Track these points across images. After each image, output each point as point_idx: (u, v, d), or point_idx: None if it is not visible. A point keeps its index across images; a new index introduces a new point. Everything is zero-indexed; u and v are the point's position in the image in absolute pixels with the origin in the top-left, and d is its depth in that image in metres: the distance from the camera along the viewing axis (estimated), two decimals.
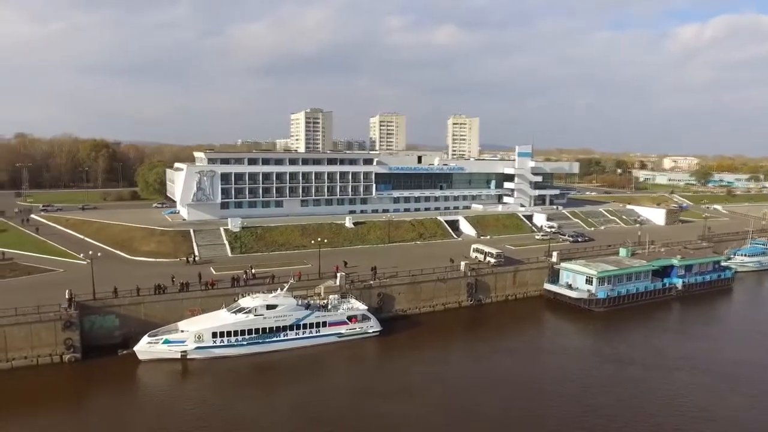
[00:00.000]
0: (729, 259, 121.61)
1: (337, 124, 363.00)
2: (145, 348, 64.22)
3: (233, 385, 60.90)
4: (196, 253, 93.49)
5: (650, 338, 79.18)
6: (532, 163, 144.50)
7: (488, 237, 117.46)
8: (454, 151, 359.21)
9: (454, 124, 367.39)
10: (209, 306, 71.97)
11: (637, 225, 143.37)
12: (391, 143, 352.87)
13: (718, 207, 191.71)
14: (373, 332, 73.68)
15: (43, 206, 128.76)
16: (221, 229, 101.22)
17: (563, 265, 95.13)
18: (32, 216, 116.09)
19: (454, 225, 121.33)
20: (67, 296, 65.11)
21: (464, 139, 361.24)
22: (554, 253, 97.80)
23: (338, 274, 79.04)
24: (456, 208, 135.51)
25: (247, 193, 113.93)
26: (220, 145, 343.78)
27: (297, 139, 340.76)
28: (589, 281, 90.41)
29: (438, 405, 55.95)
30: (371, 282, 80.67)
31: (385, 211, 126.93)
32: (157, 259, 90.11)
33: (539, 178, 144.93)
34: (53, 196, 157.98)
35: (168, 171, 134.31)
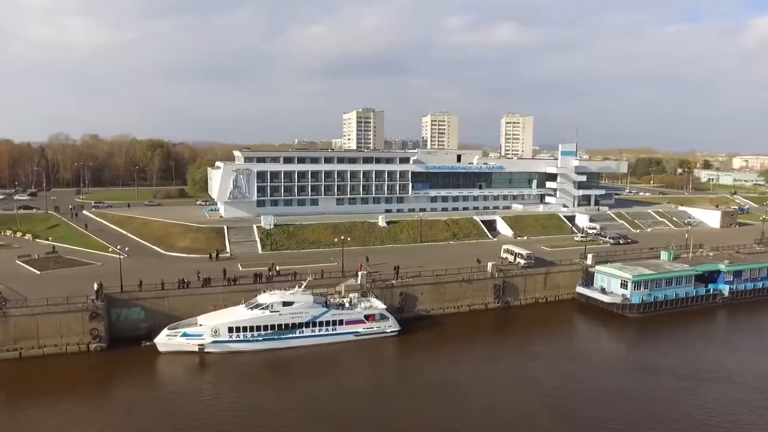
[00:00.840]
0: None
1: (393, 124, 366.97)
2: (165, 340, 66.41)
3: (247, 379, 62.20)
4: (228, 249, 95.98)
5: (685, 347, 74.90)
6: (576, 162, 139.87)
7: (525, 238, 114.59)
8: (507, 150, 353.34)
9: (507, 123, 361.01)
10: (231, 301, 73.32)
11: (689, 227, 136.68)
12: (443, 143, 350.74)
13: None
14: (391, 332, 73.24)
15: (95, 203, 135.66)
16: (254, 226, 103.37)
17: (598, 267, 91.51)
18: (84, 212, 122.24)
19: (490, 225, 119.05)
20: (95, 288, 68.23)
21: (517, 139, 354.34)
22: (589, 256, 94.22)
23: (359, 273, 79.07)
24: (495, 207, 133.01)
25: (282, 191, 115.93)
26: (279, 145, 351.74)
27: (349, 139, 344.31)
28: (623, 285, 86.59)
29: (444, 406, 54.93)
30: (393, 281, 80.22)
31: (422, 210, 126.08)
32: (190, 255, 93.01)
33: (583, 178, 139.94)
34: (109, 194, 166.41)
35: (209, 169, 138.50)
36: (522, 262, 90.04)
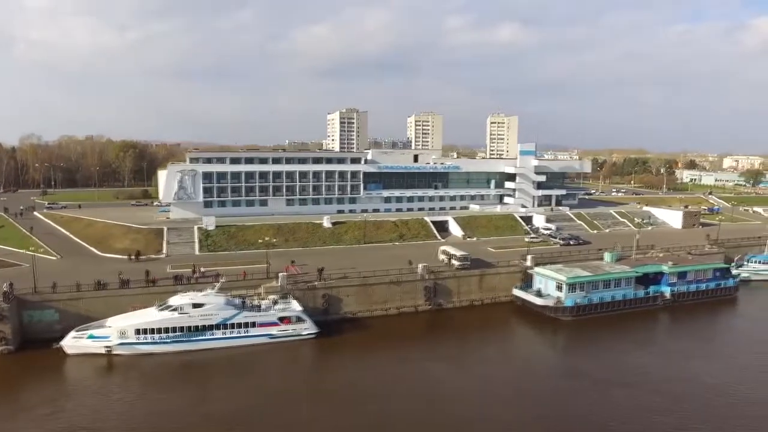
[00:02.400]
0: (740, 266, 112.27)
1: (384, 124, 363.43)
2: (71, 342, 65.58)
3: (155, 382, 61.63)
4: (164, 250, 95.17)
5: (611, 350, 73.80)
6: (535, 162, 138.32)
7: (475, 239, 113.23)
8: (492, 150, 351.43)
9: (492, 123, 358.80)
10: (151, 303, 72.21)
11: (649, 228, 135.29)
12: (427, 143, 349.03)
13: (759, 210, 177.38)
14: (308, 335, 72.13)
15: (48, 204, 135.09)
16: (195, 227, 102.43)
17: (536, 269, 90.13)
18: (35, 213, 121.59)
19: (442, 226, 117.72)
20: (4, 289, 67.33)
21: (502, 139, 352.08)
22: (529, 257, 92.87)
23: (280, 275, 78.01)
24: (453, 208, 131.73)
25: (229, 192, 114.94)
26: (274, 146, 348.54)
27: (333, 139, 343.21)
28: (559, 287, 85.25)
29: (337, 411, 54.14)
30: (316, 283, 79.08)
31: (376, 210, 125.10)
32: (125, 256, 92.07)
33: (543, 178, 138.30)
34: (77, 194, 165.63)
35: (159, 171, 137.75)
36: (456, 263, 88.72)
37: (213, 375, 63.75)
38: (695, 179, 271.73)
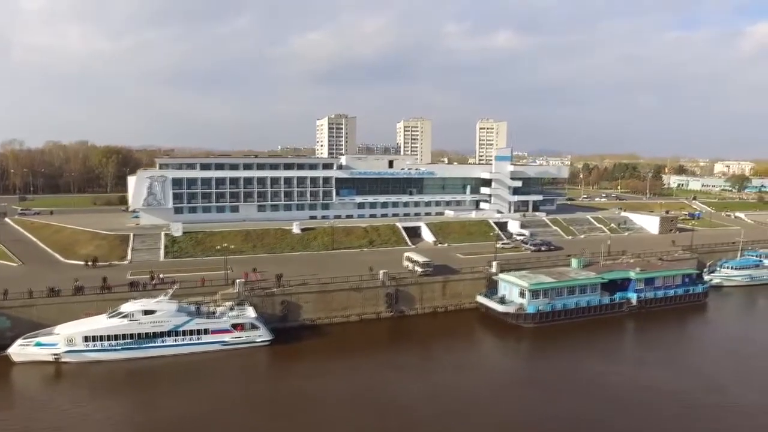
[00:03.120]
0: (713, 272, 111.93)
1: (380, 129, 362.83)
2: (18, 350, 64.90)
3: (102, 390, 61.00)
4: (128, 256, 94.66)
5: (572, 359, 72.67)
6: (510, 167, 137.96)
7: (446, 245, 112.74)
8: (481, 156, 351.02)
9: (481, 128, 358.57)
10: (107, 310, 71.90)
11: (626, 233, 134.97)
12: (416, 148, 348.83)
13: (741, 215, 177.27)
14: (262, 342, 71.45)
15: (21, 210, 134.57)
16: (162, 233, 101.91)
17: (501, 276, 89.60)
18: (6, 219, 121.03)
19: (415, 232, 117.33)
20: None
21: (491, 144, 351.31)
22: (494, 263, 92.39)
23: (236, 281, 77.47)
24: (428, 213, 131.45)
25: (200, 198, 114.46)
26: (269, 151, 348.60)
27: (321, 145, 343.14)
28: (522, 294, 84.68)
29: (282, 418, 53.87)
30: (274, 290, 78.52)
31: (349, 216, 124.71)
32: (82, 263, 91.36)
33: (518, 183, 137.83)
34: (54, 200, 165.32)
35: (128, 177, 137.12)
36: (419, 269, 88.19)
37: (162, 383, 63.19)
38: (682, 184, 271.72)
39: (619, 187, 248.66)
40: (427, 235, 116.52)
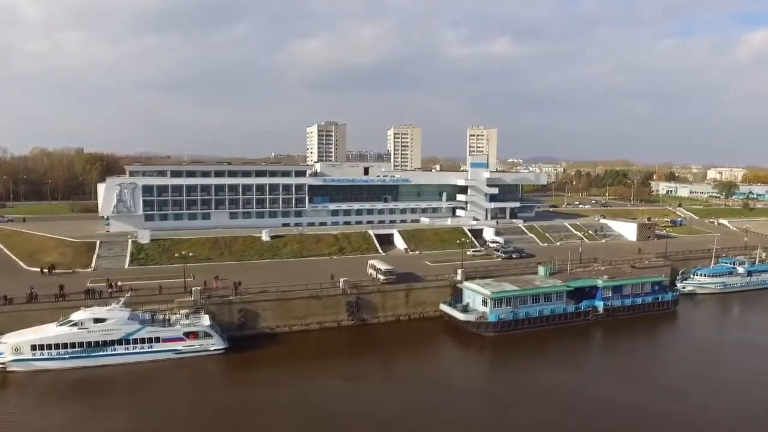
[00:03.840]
0: (686, 279, 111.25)
1: (374, 137, 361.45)
2: None
3: (49, 399, 60.47)
4: (93, 264, 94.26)
5: (529, 369, 72.04)
6: (486, 174, 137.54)
7: (417, 252, 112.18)
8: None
9: (471, 135, 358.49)
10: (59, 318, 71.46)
11: (603, 240, 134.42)
12: (406, 155, 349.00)
13: (725, 222, 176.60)
14: (215, 350, 70.87)
15: None
16: (129, 240, 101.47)
17: (465, 284, 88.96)
18: None
19: (388, 239, 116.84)
20: None
21: (481, 151, 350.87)
22: (459, 271, 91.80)
23: (193, 289, 76.94)
24: (403, 221, 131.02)
25: (171, 205, 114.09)
26: (264, 157, 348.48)
27: (311, 152, 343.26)
28: (485, 302, 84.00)
29: (218, 428, 53.84)
30: (231, 297, 77.98)
31: (323, 224, 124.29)
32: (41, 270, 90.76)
33: (495, 190, 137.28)
34: (34, 207, 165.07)
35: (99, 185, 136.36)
36: (381, 277, 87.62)
37: (108, 392, 62.43)
38: (671, 191, 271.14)
39: (607, 194, 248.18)
40: (400, 243, 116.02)
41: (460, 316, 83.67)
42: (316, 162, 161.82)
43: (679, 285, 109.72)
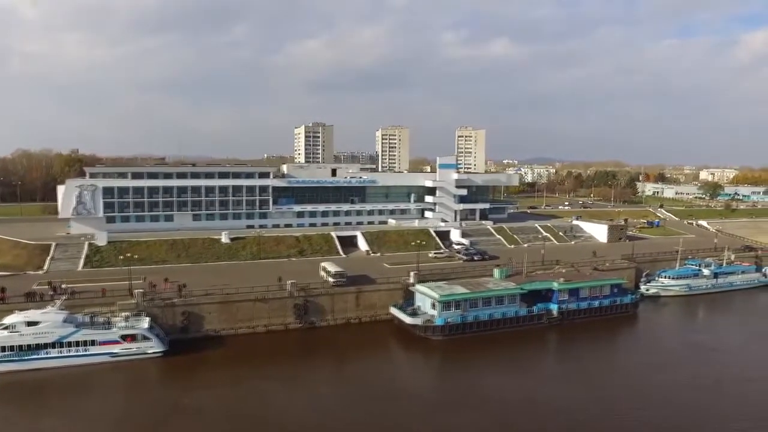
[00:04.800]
0: (649, 281, 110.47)
1: (368, 138, 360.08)
2: None
3: None
4: (46, 266, 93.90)
5: (470, 374, 71.28)
6: (455, 175, 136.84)
7: (379, 254, 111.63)
8: (459, 164, 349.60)
9: (459, 136, 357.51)
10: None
11: (572, 242, 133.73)
12: (394, 156, 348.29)
13: (703, 223, 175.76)
14: (153, 353, 70.31)
15: None
16: (86, 243, 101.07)
17: (416, 287, 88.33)
18: None
19: (351, 241, 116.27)
20: None
21: (470, 152, 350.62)
22: (412, 273, 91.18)
23: (135, 292, 76.51)
24: (371, 222, 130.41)
25: (132, 207, 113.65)
26: (255, 159, 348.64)
27: (299, 153, 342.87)
28: (434, 305, 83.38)
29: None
30: (174, 300, 77.48)
31: (288, 225, 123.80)
32: (2, 273, 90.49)
33: (464, 191, 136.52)
34: (8, 209, 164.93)
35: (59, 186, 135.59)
36: (331, 280, 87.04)
37: (40, 396, 61.95)
38: (657, 192, 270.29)
39: (591, 195, 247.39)
40: (363, 245, 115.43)
41: (407, 319, 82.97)
42: (304, 163, 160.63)
43: (642, 287, 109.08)
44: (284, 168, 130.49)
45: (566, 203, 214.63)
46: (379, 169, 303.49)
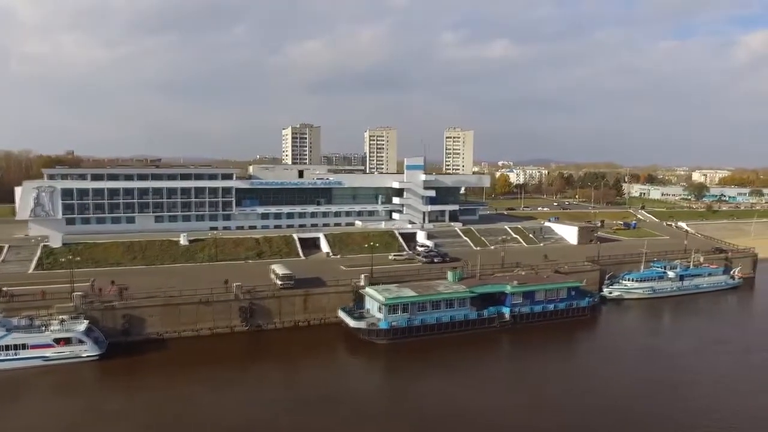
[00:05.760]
0: (612, 284, 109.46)
1: (362, 138, 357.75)
2: None
3: None
4: None
5: (404, 377, 71.18)
6: (423, 177, 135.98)
7: (339, 256, 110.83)
8: (447, 165, 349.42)
9: (447, 138, 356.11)
10: None
11: (541, 244, 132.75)
12: (382, 158, 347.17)
13: (683, 224, 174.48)
14: (88, 356, 69.74)
15: None
16: (40, 245, 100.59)
17: (366, 290, 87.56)
18: None
19: (314, 243, 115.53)
20: None
21: (458, 154, 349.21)
22: (362, 276, 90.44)
23: (74, 294, 75.95)
24: (338, 224, 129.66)
25: (92, 209, 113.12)
26: (255, 160, 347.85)
27: (286, 154, 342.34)
28: (380, 309, 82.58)
29: None
30: (114, 303, 76.88)
31: (252, 227, 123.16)
32: None
33: (432, 193, 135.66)
34: None
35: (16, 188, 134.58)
36: (279, 282, 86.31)
37: None
38: (644, 193, 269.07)
39: (577, 196, 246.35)
40: (325, 247, 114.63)
41: (352, 323, 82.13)
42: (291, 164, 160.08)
43: (605, 290, 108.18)
44: (250, 169, 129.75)
45: (554, 203, 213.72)
46: (367, 171, 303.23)
